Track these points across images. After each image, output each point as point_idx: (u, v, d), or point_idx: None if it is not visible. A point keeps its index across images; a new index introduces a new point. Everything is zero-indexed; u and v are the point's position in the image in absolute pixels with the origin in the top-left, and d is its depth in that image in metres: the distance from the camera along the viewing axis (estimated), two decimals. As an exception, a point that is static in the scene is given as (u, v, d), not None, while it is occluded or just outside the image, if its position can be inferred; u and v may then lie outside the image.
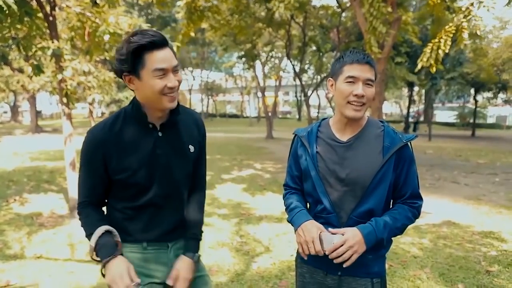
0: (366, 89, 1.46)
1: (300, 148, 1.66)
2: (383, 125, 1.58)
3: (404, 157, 1.52)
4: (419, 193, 1.57)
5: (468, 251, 4.17)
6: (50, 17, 5.09)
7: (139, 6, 21.91)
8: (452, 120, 36.68)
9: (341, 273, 1.56)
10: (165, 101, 1.37)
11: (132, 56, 1.29)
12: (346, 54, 1.52)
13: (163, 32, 1.50)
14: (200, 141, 1.61)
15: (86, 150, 1.43)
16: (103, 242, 1.38)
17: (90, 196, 1.47)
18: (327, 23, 18.47)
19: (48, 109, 48.20)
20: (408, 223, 1.55)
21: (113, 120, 1.45)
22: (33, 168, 9.55)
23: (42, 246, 4.22)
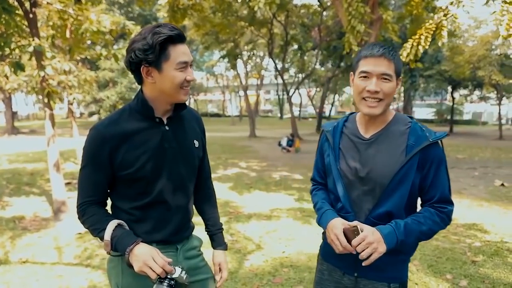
0: (381, 84, 1.37)
1: (325, 143, 1.61)
2: (411, 122, 1.46)
3: (431, 157, 1.40)
4: (449, 197, 1.44)
5: (454, 243, 4.29)
6: (30, 14, 4.94)
7: (119, 4, 21.54)
8: (430, 117, 37.60)
9: (357, 275, 1.52)
10: (181, 94, 1.38)
11: (160, 47, 1.28)
12: (364, 48, 1.44)
13: None
14: (202, 137, 1.61)
15: (91, 146, 1.38)
16: (120, 233, 1.33)
17: (94, 196, 1.42)
18: (309, 22, 18.63)
19: (25, 110, 46.91)
20: (436, 228, 1.42)
21: (118, 116, 1.42)
22: (12, 170, 9.27)
23: (27, 250, 4.10)
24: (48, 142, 5.19)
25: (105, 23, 5.41)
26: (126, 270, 1.40)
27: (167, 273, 1.28)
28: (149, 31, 1.29)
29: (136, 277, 1.40)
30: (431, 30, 4.56)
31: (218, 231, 1.71)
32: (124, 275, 1.44)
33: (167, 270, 1.27)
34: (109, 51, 5.90)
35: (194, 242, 1.64)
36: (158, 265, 1.26)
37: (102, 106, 19.64)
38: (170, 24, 1.32)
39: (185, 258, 1.55)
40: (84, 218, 1.41)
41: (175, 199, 1.48)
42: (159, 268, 1.26)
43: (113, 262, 1.47)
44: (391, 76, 1.38)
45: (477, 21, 20.95)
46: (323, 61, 23.71)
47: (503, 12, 4.04)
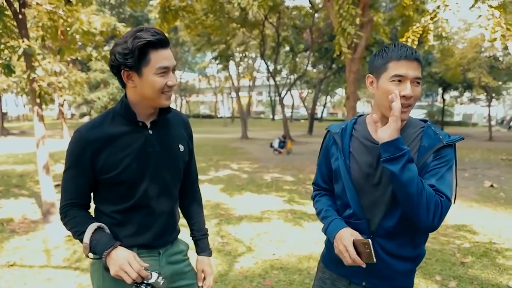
0: (414, 89, 1.30)
1: (332, 146, 1.53)
2: (424, 125, 1.42)
3: (442, 155, 1.34)
4: (446, 192, 1.31)
5: (443, 244, 4.33)
6: (20, 15, 4.89)
7: (111, 5, 21.40)
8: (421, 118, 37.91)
9: (365, 284, 1.47)
10: (163, 99, 1.37)
11: (138, 52, 1.27)
12: (390, 49, 1.33)
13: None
14: (188, 141, 1.60)
15: (73, 149, 1.38)
16: (98, 237, 1.33)
17: (76, 198, 1.42)
18: (300, 24, 18.70)
19: (15, 111, 46.37)
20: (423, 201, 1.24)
21: (102, 119, 1.42)
22: (1, 172, 9.16)
23: (15, 253, 4.05)
24: (37, 144, 5.14)
25: (95, 24, 5.38)
26: (107, 274, 1.38)
27: (143, 278, 1.27)
28: (130, 35, 1.28)
29: (117, 281, 1.37)
30: (418, 34, 4.61)
31: (203, 236, 1.69)
32: (105, 278, 1.42)
33: (142, 276, 1.26)
34: (100, 52, 5.87)
35: (180, 246, 1.62)
36: (134, 270, 1.25)
37: (93, 107, 19.50)
38: (153, 28, 1.31)
39: (169, 263, 1.53)
40: (66, 220, 1.41)
41: (158, 204, 1.47)
42: (134, 273, 1.25)
43: (95, 265, 1.46)
44: (421, 80, 1.33)
45: (467, 23, 21.20)
46: (315, 62, 23.83)
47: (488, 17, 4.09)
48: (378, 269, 1.40)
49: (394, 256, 1.41)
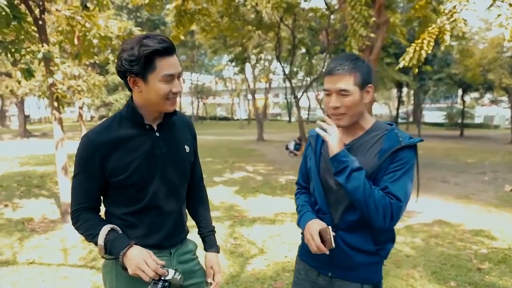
0: (341, 100, 1.42)
1: (309, 148, 1.69)
2: (388, 129, 1.49)
3: (399, 158, 1.41)
4: (398, 193, 1.39)
5: (459, 249, 4.24)
6: (40, 21, 5.04)
7: (128, 9, 21.80)
8: (440, 121, 37.21)
9: (331, 274, 1.58)
10: (168, 105, 1.40)
11: (144, 59, 1.29)
12: (327, 64, 1.50)
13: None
14: (193, 142, 1.64)
15: (82, 154, 1.41)
16: (113, 237, 1.35)
17: (87, 202, 1.44)
18: (316, 25, 18.60)
19: (37, 113, 47.62)
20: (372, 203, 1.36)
21: (109, 123, 1.44)
22: (23, 173, 9.43)
23: (34, 252, 4.18)
24: (56, 146, 5.27)
25: (112, 29, 5.50)
26: (120, 275, 1.43)
27: (160, 275, 1.31)
28: (137, 42, 1.30)
29: (129, 282, 1.43)
30: (433, 34, 4.53)
31: (210, 233, 1.72)
32: (118, 279, 1.46)
33: (159, 273, 1.30)
34: (116, 56, 5.98)
35: (189, 246, 1.65)
36: (151, 269, 1.29)
37: (111, 110, 19.87)
38: (159, 35, 1.33)
39: (179, 262, 1.57)
40: (78, 224, 1.43)
41: (168, 204, 1.51)
42: (152, 272, 1.29)
43: (108, 267, 1.50)
44: (349, 90, 1.41)
45: (488, 23, 20.71)
46: (331, 64, 23.67)
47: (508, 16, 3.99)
48: (341, 261, 1.54)
49: (354, 249, 1.52)
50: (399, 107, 30.11)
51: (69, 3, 6.94)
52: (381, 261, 1.57)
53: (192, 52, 34.82)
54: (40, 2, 5.05)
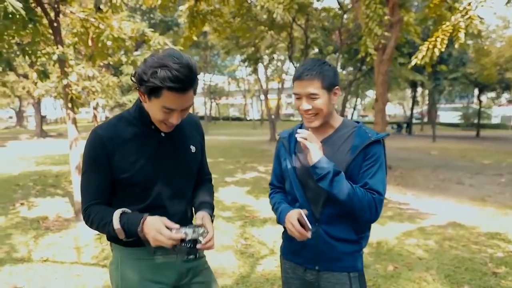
0: (311, 102, 1.53)
1: (281, 149, 1.76)
2: (356, 126, 1.63)
3: (371, 153, 1.55)
4: (378, 188, 1.53)
5: (474, 253, 4.16)
6: (55, 23, 5.14)
7: (142, 10, 22.03)
8: (456, 121, 36.57)
9: (319, 268, 1.64)
10: (162, 127, 1.44)
11: (152, 87, 1.29)
12: (295, 69, 1.58)
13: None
14: (200, 142, 1.65)
15: (90, 149, 1.42)
16: (126, 218, 1.36)
17: (98, 198, 1.44)
18: (329, 25, 18.49)
19: (53, 114, 48.51)
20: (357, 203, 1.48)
21: (116, 121, 1.47)
22: (39, 172, 9.61)
23: (48, 249, 4.25)
24: (70, 145, 5.36)
25: (125, 30, 5.56)
26: (125, 272, 1.47)
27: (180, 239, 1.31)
28: (156, 66, 1.26)
29: (134, 279, 1.46)
30: (447, 32, 4.44)
31: (205, 204, 1.60)
32: (123, 277, 1.49)
33: (177, 238, 1.30)
34: (129, 57, 6.05)
35: (207, 267, 1.67)
36: (166, 239, 1.29)
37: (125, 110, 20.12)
38: (179, 70, 1.25)
39: (185, 260, 1.56)
40: (91, 218, 1.43)
41: (173, 204, 1.51)
42: (169, 241, 1.29)
43: (114, 264, 1.53)
44: (317, 94, 1.52)
45: (506, 21, 20.28)
46: (344, 64, 23.51)
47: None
48: (326, 253, 1.62)
49: (338, 239, 1.60)
50: (414, 107, 29.69)
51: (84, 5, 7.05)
52: (361, 250, 1.67)
53: (205, 52, 34.95)
54: (55, 5, 5.15)
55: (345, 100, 27.48)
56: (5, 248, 4.29)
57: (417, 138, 22.86)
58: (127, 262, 1.50)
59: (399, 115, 55.01)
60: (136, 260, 1.49)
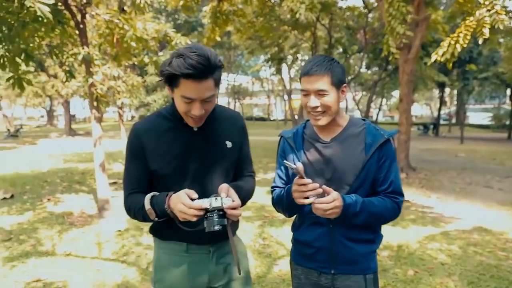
0: (320, 99, 1.48)
1: (286, 149, 1.69)
2: (365, 123, 1.60)
3: (387, 153, 1.54)
4: (400, 189, 1.58)
5: (500, 260, 3.99)
6: (81, 25, 5.29)
7: (167, 12, 22.40)
8: (486, 122, 35.31)
9: (334, 271, 1.58)
10: (189, 121, 1.45)
11: (168, 78, 1.33)
12: (303, 65, 1.53)
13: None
14: (240, 138, 1.61)
15: (130, 142, 1.51)
16: (155, 200, 1.39)
17: (137, 188, 1.50)
18: (354, 24, 18.25)
19: (82, 113, 49.97)
20: (387, 215, 1.55)
21: (154, 116, 1.54)
22: (66, 169, 9.93)
23: (71, 244, 4.38)
24: (94, 144, 5.51)
25: (149, 31, 5.67)
26: (159, 264, 1.59)
27: (204, 209, 1.28)
28: (174, 56, 1.31)
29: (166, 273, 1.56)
30: (471, 28, 4.26)
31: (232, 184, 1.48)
32: (157, 268, 1.60)
33: (197, 207, 1.27)
34: (151, 58, 6.16)
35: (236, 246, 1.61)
36: (189, 214, 1.27)
37: (150, 110, 20.50)
38: (196, 56, 1.27)
39: (219, 263, 1.55)
40: (128, 206, 1.49)
41: None
42: (193, 216, 1.28)
43: (154, 255, 1.64)
44: (327, 90, 1.47)
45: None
46: (369, 64, 23.15)
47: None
48: (342, 255, 1.56)
49: (354, 241, 1.56)
50: (441, 108, 28.87)
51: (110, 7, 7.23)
52: (376, 250, 1.64)
53: (229, 53, 35.19)
54: (81, 7, 5.30)
55: (369, 100, 27.02)
56: (32, 242, 4.46)
57: (444, 140, 22.21)
58: (162, 255, 1.58)
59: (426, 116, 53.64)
60: (170, 254, 1.56)
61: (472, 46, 17.62)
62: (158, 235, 1.59)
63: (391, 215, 1.55)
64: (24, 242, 4.45)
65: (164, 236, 1.56)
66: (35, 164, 10.66)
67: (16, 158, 12.49)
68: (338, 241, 1.55)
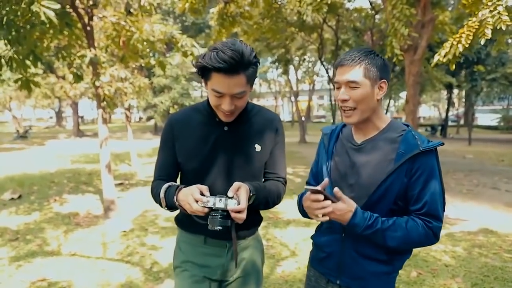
0: (350, 92, 1.35)
1: (321, 146, 1.61)
2: (405, 130, 1.40)
3: (422, 166, 1.32)
4: (438, 212, 1.34)
5: (506, 261, 3.96)
6: (88, 27, 5.35)
7: (174, 14, 22.53)
8: (495, 124, 34.91)
9: (340, 283, 1.49)
10: (220, 115, 1.46)
11: (201, 69, 1.36)
12: (340, 56, 1.47)
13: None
14: (274, 141, 1.58)
15: (164, 131, 1.56)
16: (168, 190, 1.45)
17: (163, 176, 1.56)
18: (361, 26, 18.19)
19: (90, 114, 50.38)
20: (417, 239, 1.33)
21: (189, 109, 1.58)
22: (73, 170, 10.03)
23: (77, 244, 4.43)
24: (101, 144, 5.57)
25: (156, 33, 5.72)
26: (177, 253, 1.66)
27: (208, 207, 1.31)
28: (212, 49, 1.32)
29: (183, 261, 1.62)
30: (473, 28, 4.22)
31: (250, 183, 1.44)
32: (176, 256, 1.67)
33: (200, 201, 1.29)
34: (157, 59, 6.21)
35: (253, 245, 1.64)
36: (193, 202, 1.30)
37: (157, 111, 20.60)
38: (229, 51, 1.27)
39: (233, 258, 1.54)
40: (152, 192, 1.55)
41: None
42: (199, 213, 1.31)
43: (176, 243, 1.70)
44: (358, 82, 1.33)
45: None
46: (376, 65, 23.04)
47: None
48: (350, 268, 1.44)
49: (364, 256, 1.42)
50: (449, 109, 28.62)
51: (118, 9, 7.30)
52: (394, 272, 1.46)
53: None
54: (88, 9, 5.37)
55: (377, 102, 26.90)
56: (38, 242, 4.52)
57: (452, 141, 22.01)
58: (182, 244, 1.64)
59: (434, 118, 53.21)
60: (189, 244, 1.61)
61: (480, 47, 17.46)
62: (180, 225, 1.66)
63: (422, 239, 1.34)
64: (30, 242, 4.51)
65: (185, 226, 1.62)
66: (43, 165, 10.78)
67: (24, 159, 12.64)
68: (348, 251, 1.44)
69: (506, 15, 3.85)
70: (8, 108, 25.83)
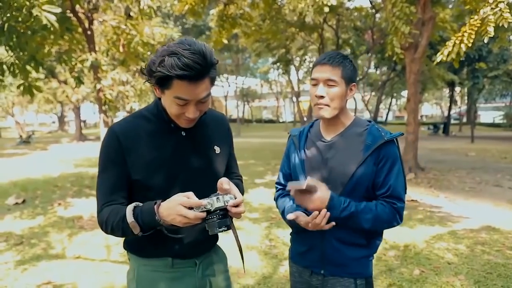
0: (327, 90, 1.48)
1: (291, 147, 1.71)
2: (369, 124, 1.57)
3: (386, 155, 1.49)
4: (401, 195, 1.51)
5: (508, 258, 3.96)
6: (88, 31, 5.40)
7: (175, 16, 22.62)
8: (498, 121, 34.81)
9: (324, 273, 1.59)
10: (181, 122, 1.32)
11: (160, 79, 1.19)
12: (318, 56, 1.57)
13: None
14: (227, 142, 1.53)
15: (105, 146, 1.32)
16: (138, 210, 1.21)
17: (112, 200, 1.31)
18: (361, 25, 18.22)
19: (92, 118, 50.56)
20: (384, 217, 1.48)
21: (134, 117, 1.37)
22: (76, 174, 10.07)
23: (81, 247, 4.46)
24: (103, 148, 5.59)
25: (155, 36, 5.77)
26: (140, 285, 1.41)
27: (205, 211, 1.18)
28: (162, 55, 1.16)
29: (147, 282, 1.40)
30: (475, 27, 4.23)
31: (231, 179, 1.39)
32: (137, 275, 1.42)
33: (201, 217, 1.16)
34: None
35: (219, 255, 1.57)
36: (189, 218, 1.14)
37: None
38: (192, 55, 1.13)
39: (206, 275, 1.46)
40: (105, 219, 1.29)
41: None
42: (195, 220, 1.15)
43: (130, 274, 1.46)
44: (336, 81, 1.47)
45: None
46: (377, 64, 23.05)
47: None
48: (332, 257, 1.56)
49: (345, 243, 1.54)
50: (451, 107, 28.56)
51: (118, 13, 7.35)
52: (371, 255, 1.61)
53: (236, 55, 35.30)
54: (88, 13, 5.42)
55: (379, 101, 26.89)
56: (42, 245, 4.55)
57: (454, 139, 21.97)
58: (143, 273, 1.41)
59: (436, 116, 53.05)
60: (152, 271, 1.40)
61: (482, 45, 17.43)
62: (137, 252, 1.42)
63: (390, 219, 1.49)
64: (35, 246, 4.54)
65: (146, 252, 1.40)
66: (46, 170, 10.83)
67: (28, 164, 12.70)
68: (329, 241, 1.55)
69: (508, 12, 3.86)
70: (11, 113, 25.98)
